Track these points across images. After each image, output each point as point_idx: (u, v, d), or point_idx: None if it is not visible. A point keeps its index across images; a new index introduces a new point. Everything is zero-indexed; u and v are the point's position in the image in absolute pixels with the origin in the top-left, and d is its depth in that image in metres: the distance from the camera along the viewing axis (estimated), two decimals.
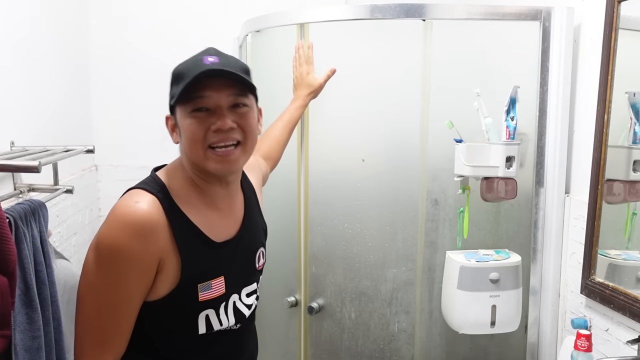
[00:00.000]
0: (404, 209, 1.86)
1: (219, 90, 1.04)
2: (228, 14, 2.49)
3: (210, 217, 1.13)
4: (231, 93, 1.06)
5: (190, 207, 1.09)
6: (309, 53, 1.76)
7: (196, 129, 1.04)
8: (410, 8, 1.69)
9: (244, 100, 1.08)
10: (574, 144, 1.75)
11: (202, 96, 1.04)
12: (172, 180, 1.11)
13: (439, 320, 1.86)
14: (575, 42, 1.71)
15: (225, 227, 1.16)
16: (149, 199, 1.04)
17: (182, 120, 1.07)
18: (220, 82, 1.04)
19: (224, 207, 1.16)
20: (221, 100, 1.05)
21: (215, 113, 1.05)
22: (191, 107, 1.04)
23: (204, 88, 1.03)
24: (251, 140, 1.11)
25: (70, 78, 2.22)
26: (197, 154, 1.06)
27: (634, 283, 1.49)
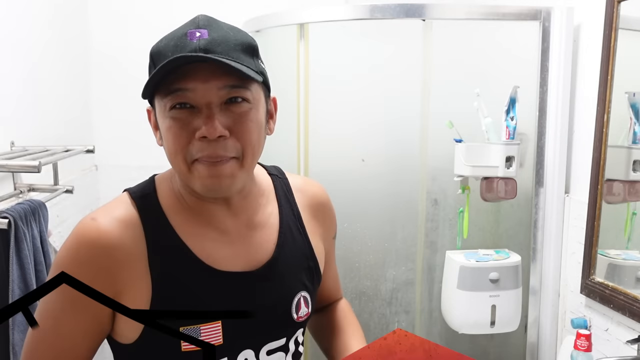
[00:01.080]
0: (404, 208, 1.86)
1: (207, 81, 0.74)
2: (228, 14, 2.48)
3: (210, 239, 0.83)
4: (224, 85, 0.75)
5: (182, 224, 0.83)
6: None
7: (176, 134, 0.76)
8: (410, 8, 1.69)
9: (244, 93, 0.77)
10: (573, 144, 1.75)
11: (182, 89, 0.75)
12: (164, 190, 0.85)
13: (439, 320, 1.86)
14: (575, 42, 1.71)
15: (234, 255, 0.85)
16: (116, 209, 0.81)
17: (161, 119, 0.80)
18: (209, 69, 0.74)
19: (229, 230, 0.86)
20: (210, 94, 0.75)
21: (201, 112, 0.76)
22: (170, 102, 0.76)
23: (186, 77, 0.74)
24: (251, 151, 0.79)
25: (70, 78, 2.22)
26: (180, 169, 0.79)
27: (634, 283, 1.49)
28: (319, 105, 1.83)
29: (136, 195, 0.83)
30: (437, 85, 1.77)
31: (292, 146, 1.84)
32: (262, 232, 0.88)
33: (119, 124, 2.50)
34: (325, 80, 1.86)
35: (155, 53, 0.80)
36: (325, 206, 1.01)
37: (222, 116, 0.76)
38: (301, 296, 0.90)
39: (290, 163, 1.86)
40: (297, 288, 0.90)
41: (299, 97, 1.81)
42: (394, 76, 1.84)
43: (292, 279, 0.90)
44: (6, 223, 1.39)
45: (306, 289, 0.92)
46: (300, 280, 0.91)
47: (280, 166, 1.52)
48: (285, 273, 0.88)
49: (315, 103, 1.81)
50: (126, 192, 0.85)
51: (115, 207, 0.81)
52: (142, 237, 0.79)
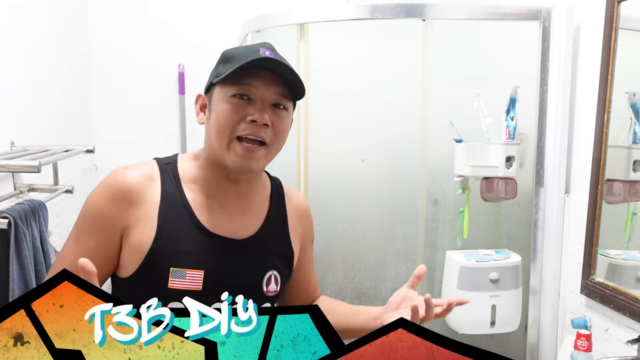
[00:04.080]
0: (404, 208, 1.86)
1: (267, 84, 0.99)
2: (228, 14, 2.49)
3: (210, 208, 1.05)
4: (277, 91, 1.00)
5: (191, 191, 1.04)
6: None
7: (231, 114, 0.99)
8: (410, 8, 1.69)
9: (286, 103, 1.03)
10: (574, 144, 1.75)
11: (248, 84, 0.98)
12: (184, 164, 1.07)
13: (439, 320, 1.86)
14: (575, 42, 1.72)
15: (228, 225, 1.05)
16: (144, 167, 1.03)
17: (217, 102, 1.01)
18: (270, 77, 0.99)
19: (229, 206, 1.06)
20: (266, 94, 0.99)
21: (254, 105, 0.99)
22: (233, 91, 0.99)
23: (253, 76, 0.99)
24: (278, 144, 1.04)
25: (70, 78, 2.22)
26: (221, 142, 1.00)
27: (634, 283, 1.49)
28: (319, 105, 1.83)
29: (161, 161, 1.06)
30: (437, 85, 1.77)
31: (292, 146, 1.84)
32: (253, 215, 1.09)
33: (119, 124, 2.50)
34: (325, 80, 1.86)
35: (228, 54, 1.02)
36: (305, 212, 1.20)
37: (269, 113, 1.00)
38: (273, 274, 1.08)
39: (290, 163, 1.86)
40: (270, 266, 1.08)
41: None
42: (394, 76, 1.84)
43: (268, 258, 1.08)
44: (6, 223, 1.39)
45: (278, 270, 1.09)
46: (274, 262, 1.09)
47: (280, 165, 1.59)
48: (263, 251, 1.07)
49: (315, 103, 1.81)
50: (154, 159, 1.07)
51: (143, 165, 1.04)
52: (159, 190, 1.01)
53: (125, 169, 1.02)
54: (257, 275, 1.06)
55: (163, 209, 1.00)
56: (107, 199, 1.00)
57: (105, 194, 1.00)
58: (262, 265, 1.07)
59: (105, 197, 1.00)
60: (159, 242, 0.98)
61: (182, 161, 1.07)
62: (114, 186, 1.00)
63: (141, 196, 1.00)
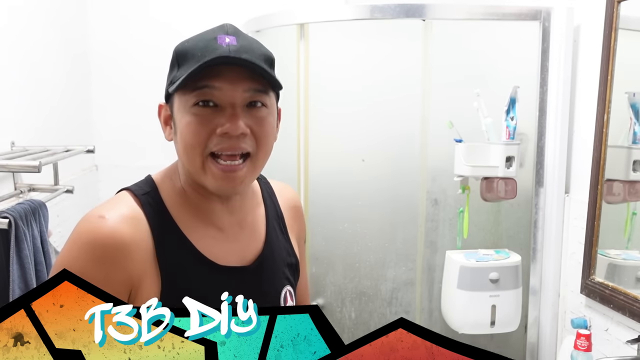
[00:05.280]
0: (404, 208, 1.86)
1: (234, 82, 0.80)
2: (228, 14, 2.49)
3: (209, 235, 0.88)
4: (249, 88, 0.81)
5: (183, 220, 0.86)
6: None
7: (197, 129, 0.80)
8: (410, 8, 1.69)
9: (264, 99, 0.83)
10: (574, 144, 1.75)
11: (211, 86, 0.79)
12: (165, 189, 0.88)
13: (439, 320, 1.86)
14: (575, 42, 1.72)
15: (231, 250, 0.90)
16: (120, 206, 0.83)
17: (180, 114, 0.82)
18: (237, 72, 0.80)
19: (225, 227, 0.90)
20: (235, 95, 0.80)
21: (224, 111, 0.80)
22: (195, 98, 0.80)
23: (216, 76, 0.79)
24: (264, 152, 0.85)
25: (70, 79, 2.22)
26: (193, 163, 0.83)
27: (634, 283, 1.49)
28: (319, 105, 1.83)
29: (138, 193, 0.86)
30: (437, 85, 1.77)
31: (292, 146, 1.84)
32: (252, 231, 0.94)
33: (119, 124, 2.50)
34: (325, 80, 1.86)
35: (181, 51, 0.84)
36: (299, 210, 1.06)
37: (244, 117, 0.81)
38: (287, 290, 0.96)
39: (290, 163, 1.86)
40: (283, 282, 0.95)
41: (299, 96, 1.82)
42: (394, 76, 1.84)
43: (279, 274, 0.95)
44: (6, 223, 1.39)
45: (290, 283, 0.97)
46: (285, 275, 0.96)
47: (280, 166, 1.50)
48: (273, 268, 0.94)
49: (315, 103, 1.82)
50: (125, 190, 0.87)
51: (119, 205, 0.83)
52: (149, 232, 0.82)
53: (102, 218, 0.80)
54: (274, 297, 0.93)
55: (161, 253, 0.82)
56: (101, 266, 0.77)
57: (94, 259, 0.78)
58: (276, 285, 0.94)
59: (96, 263, 0.77)
60: (167, 293, 0.81)
61: (162, 185, 0.89)
62: (99, 245, 0.78)
63: (136, 246, 0.80)
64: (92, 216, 0.80)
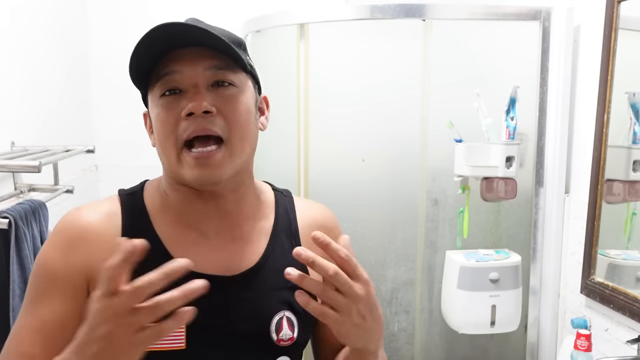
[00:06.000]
0: (404, 209, 1.86)
1: (194, 62, 0.76)
2: (228, 14, 2.49)
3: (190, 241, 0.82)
4: (210, 65, 0.77)
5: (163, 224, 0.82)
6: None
7: (164, 118, 0.77)
8: (410, 8, 1.69)
9: (230, 76, 0.78)
10: (573, 144, 1.75)
11: (170, 72, 0.76)
12: (150, 192, 0.86)
13: (439, 320, 1.86)
14: (575, 42, 1.72)
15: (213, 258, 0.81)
16: (103, 203, 0.83)
17: (152, 111, 0.81)
18: (196, 53, 0.76)
19: (210, 233, 0.83)
20: (197, 75, 0.76)
21: (188, 94, 0.77)
22: (159, 90, 0.78)
23: (173, 61, 0.76)
24: (240, 136, 0.78)
25: (70, 78, 2.22)
26: (169, 157, 0.79)
27: (634, 283, 1.49)
28: (319, 105, 1.83)
29: (123, 193, 0.86)
30: (437, 85, 1.77)
31: (292, 146, 1.84)
32: (247, 243, 0.84)
33: (119, 124, 2.50)
34: (325, 80, 1.86)
35: (135, 48, 0.78)
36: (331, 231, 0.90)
37: (209, 96, 0.76)
38: (284, 316, 0.82)
39: (290, 163, 1.86)
40: (280, 305, 0.82)
41: (299, 97, 1.82)
42: (394, 76, 1.84)
43: (275, 294, 0.82)
44: (6, 223, 1.39)
45: (292, 309, 0.83)
46: (286, 299, 0.82)
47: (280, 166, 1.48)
48: (267, 287, 0.82)
49: (315, 103, 1.81)
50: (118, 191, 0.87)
51: (101, 202, 0.84)
52: (119, 231, 0.80)
53: (78, 210, 0.81)
54: (261, 320, 0.81)
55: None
56: (62, 250, 0.78)
57: (58, 245, 0.78)
58: (267, 305, 0.82)
59: (60, 247, 0.78)
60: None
61: (149, 188, 0.87)
62: (68, 232, 0.79)
63: (100, 237, 0.78)
64: (71, 209, 0.82)
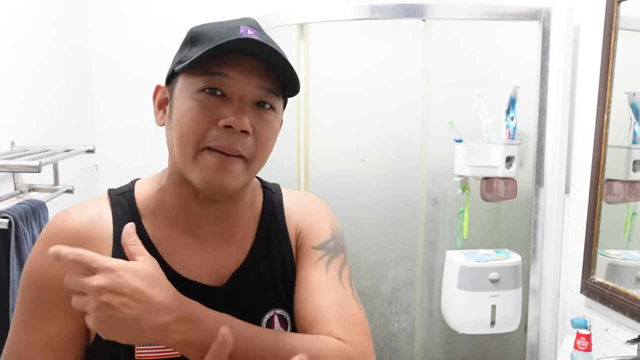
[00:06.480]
0: (404, 209, 1.86)
1: (248, 74, 0.73)
2: (228, 14, 2.48)
3: (182, 244, 0.79)
4: (263, 85, 0.74)
5: (154, 225, 0.79)
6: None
7: (197, 117, 0.72)
8: (410, 8, 1.69)
9: (275, 101, 0.76)
10: (574, 144, 1.75)
11: (222, 74, 0.72)
12: (142, 191, 0.82)
13: (439, 320, 1.86)
14: (575, 42, 1.72)
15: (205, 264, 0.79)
16: (92, 204, 0.79)
17: (181, 99, 0.74)
18: (252, 64, 0.73)
19: (205, 236, 0.81)
20: (247, 88, 0.73)
21: (230, 103, 0.73)
22: (201, 83, 0.73)
23: (230, 64, 0.72)
24: (262, 156, 0.77)
25: (70, 78, 2.22)
26: (184, 154, 0.74)
27: (634, 283, 1.49)
28: (319, 105, 1.83)
29: (114, 193, 0.82)
30: (437, 85, 1.77)
31: (292, 146, 1.84)
32: (237, 244, 0.83)
33: (120, 124, 2.50)
34: (325, 80, 1.86)
35: (197, 33, 0.76)
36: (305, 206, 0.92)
37: (251, 115, 0.74)
38: (275, 314, 0.82)
39: (290, 163, 1.86)
40: (269, 304, 0.81)
41: (299, 96, 1.82)
42: (394, 76, 1.84)
43: (264, 294, 0.81)
44: (6, 223, 1.39)
45: (282, 305, 0.82)
46: (275, 296, 0.82)
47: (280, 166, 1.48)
48: (255, 287, 0.81)
49: (315, 103, 1.81)
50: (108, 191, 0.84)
51: (90, 203, 0.80)
52: (111, 234, 0.77)
53: (66, 213, 0.77)
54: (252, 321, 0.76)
55: (116, 254, 0.74)
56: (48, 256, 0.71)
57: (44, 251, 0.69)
58: (256, 306, 0.81)
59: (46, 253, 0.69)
60: None
61: (140, 188, 0.83)
62: (61, 238, 0.73)
63: (93, 240, 0.75)
64: (59, 213, 0.78)
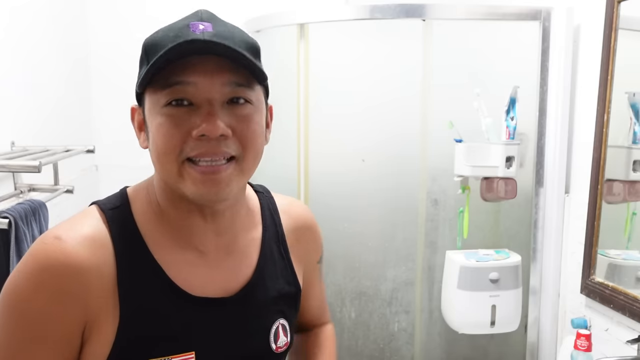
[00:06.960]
0: (404, 209, 1.86)
1: (210, 75, 0.68)
2: (228, 14, 2.48)
3: (187, 261, 0.76)
4: (229, 81, 0.69)
5: (156, 243, 0.74)
6: None
7: (169, 132, 0.68)
8: (410, 8, 1.69)
9: (248, 93, 0.71)
10: (574, 144, 1.75)
11: (183, 82, 0.67)
12: (139, 205, 0.76)
13: (439, 320, 1.86)
14: (575, 42, 1.71)
15: (212, 279, 0.77)
16: (82, 226, 0.71)
17: (151, 117, 0.70)
18: (214, 62, 0.68)
19: (209, 250, 0.78)
20: (213, 90, 0.68)
21: (199, 110, 0.68)
22: (166, 97, 0.68)
23: (189, 70, 0.67)
24: (252, 156, 0.73)
25: (70, 78, 2.22)
26: (168, 170, 0.70)
27: (634, 283, 1.49)
28: (319, 105, 1.83)
29: (106, 207, 0.74)
30: (437, 85, 1.77)
31: (292, 146, 1.84)
32: (242, 256, 0.81)
33: (119, 124, 2.49)
34: (325, 81, 1.86)
35: (150, 45, 0.71)
36: (310, 229, 0.92)
37: (224, 115, 0.69)
38: (279, 324, 0.84)
39: (290, 163, 1.86)
40: (276, 315, 0.83)
41: (299, 97, 1.82)
42: (394, 76, 1.84)
43: (271, 307, 0.83)
44: (6, 223, 1.39)
45: (284, 316, 0.85)
46: (279, 307, 0.84)
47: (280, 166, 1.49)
48: (263, 300, 0.81)
49: (315, 103, 1.81)
50: (94, 205, 0.76)
51: (82, 223, 0.72)
52: (112, 257, 0.71)
53: (59, 240, 0.68)
54: (261, 334, 0.81)
55: (123, 282, 0.70)
56: (52, 295, 0.66)
57: (44, 287, 0.66)
58: (265, 319, 0.82)
59: (47, 291, 0.66)
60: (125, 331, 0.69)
61: (136, 199, 0.77)
62: (51, 269, 0.66)
63: (95, 273, 0.68)
64: (48, 237, 0.69)
